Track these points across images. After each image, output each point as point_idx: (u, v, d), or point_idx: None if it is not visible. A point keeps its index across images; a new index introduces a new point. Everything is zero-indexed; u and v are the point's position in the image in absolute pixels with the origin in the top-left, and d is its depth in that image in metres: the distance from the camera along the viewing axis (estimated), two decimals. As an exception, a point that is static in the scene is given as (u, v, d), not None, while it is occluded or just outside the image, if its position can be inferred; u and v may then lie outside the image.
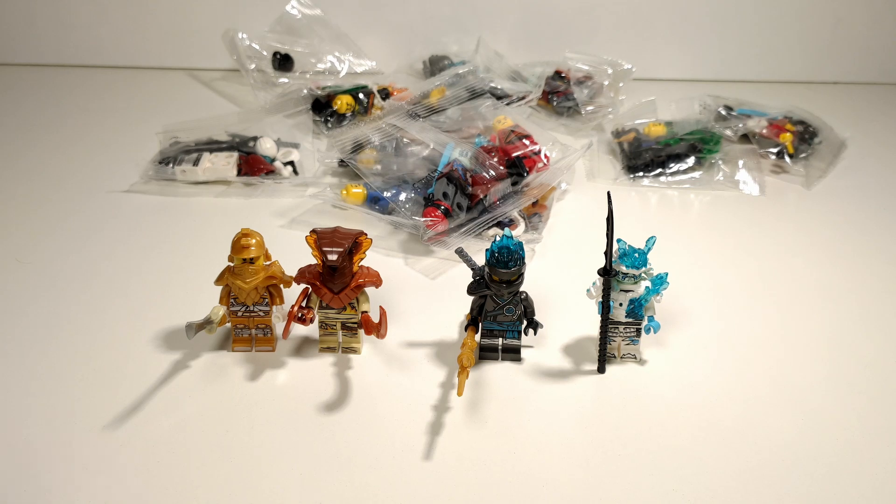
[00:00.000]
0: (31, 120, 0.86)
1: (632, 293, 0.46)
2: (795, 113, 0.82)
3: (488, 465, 0.40)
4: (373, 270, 0.47)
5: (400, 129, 0.71)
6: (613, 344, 0.48)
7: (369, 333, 0.45)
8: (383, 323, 0.45)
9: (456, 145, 0.67)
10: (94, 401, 0.44)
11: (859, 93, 1.01)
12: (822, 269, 0.60)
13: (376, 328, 0.44)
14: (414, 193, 0.64)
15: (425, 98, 0.80)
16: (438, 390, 0.45)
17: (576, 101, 0.85)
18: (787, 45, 1.02)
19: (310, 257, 0.46)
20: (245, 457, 0.41)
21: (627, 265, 0.45)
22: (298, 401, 0.45)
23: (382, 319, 0.45)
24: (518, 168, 0.65)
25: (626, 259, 0.45)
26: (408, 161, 0.67)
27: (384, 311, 0.45)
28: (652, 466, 0.40)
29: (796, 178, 0.75)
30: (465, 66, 0.86)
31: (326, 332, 0.48)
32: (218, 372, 0.47)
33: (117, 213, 0.66)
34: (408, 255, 0.60)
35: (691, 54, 1.03)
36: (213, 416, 0.43)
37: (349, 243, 0.45)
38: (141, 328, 0.51)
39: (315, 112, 0.82)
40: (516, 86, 0.84)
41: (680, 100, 0.86)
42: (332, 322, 0.48)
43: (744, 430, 0.43)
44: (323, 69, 0.95)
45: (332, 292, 0.46)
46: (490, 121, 0.73)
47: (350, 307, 0.47)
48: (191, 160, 0.71)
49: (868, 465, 0.41)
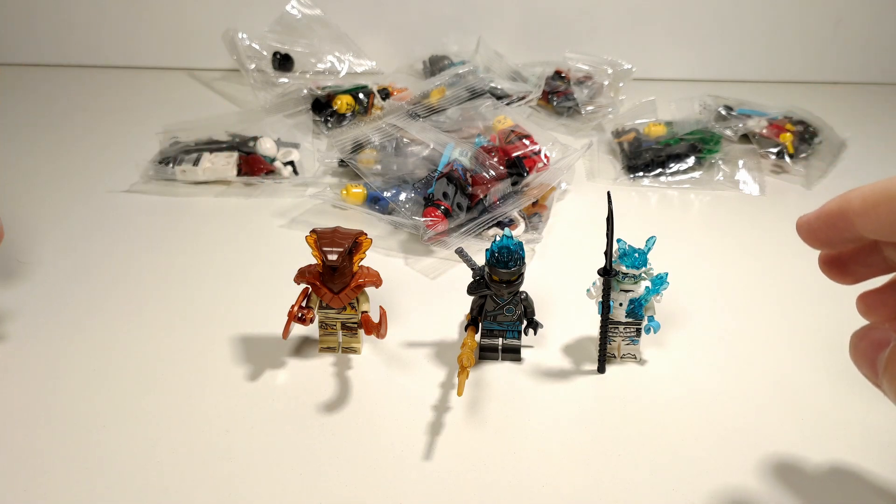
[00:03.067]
0: (31, 120, 0.86)
1: (632, 293, 0.46)
2: (795, 113, 0.82)
3: (488, 465, 0.40)
4: (373, 270, 0.47)
5: (400, 129, 0.71)
6: (613, 344, 0.48)
7: (369, 333, 0.45)
8: (383, 323, 0.44)
9: (456, 145, 0.67)
10: (94, 401, 0.44)
11: (859, 93, 1.01)
12: (822, 269, 0.60)
13: (376, 328, 0.44)
14: (414, 193, 0.64)
15: (425, 98, 0.80)
16: (438, 390, 0.45)
17: (576, 101, 0.85)
18: (787, 45, 1.02)
19: (310, 257, 0.45)
20: (245, 457, 0.41)
21: (627, 265, 0.45)
22: (298, 401, 0.44)
23: (382, 319, 0.45)
24: (518, 168, 0.65)
25: (626, 259, 0.45)
26: (408, 161, 0.67)
27: (384, 311, 0.45)
28: (652, 466, 0.40)
29: (796, 178, 0.75)
30: (465, 66, 0.86)
31: (326, 333, 0.48)
32: (217, 371, 0.47)
33: (117, 213, 0.66)
34: (408, 255, 0.60)
35: (691, 54, 1.03)
36: (213, 416, 0.43)
37: (349, 243, 0.45)
38: (140, 328, 0.51)
39: (315, 112, 0.82)
40: (516, 86, 0.84)
41: (680, 100, 0.86)
42: (332, 322, 0.48)
43: (744, 429, 0.43)
44: (323, 69, 0.95)
45: (333, 292, 0.46)
46: (490, 121, 0.73)
47: (350, 307, 0.47)
48: (191, 160, 0.71)
49: (870, 465, 0.41)
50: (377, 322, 0.45)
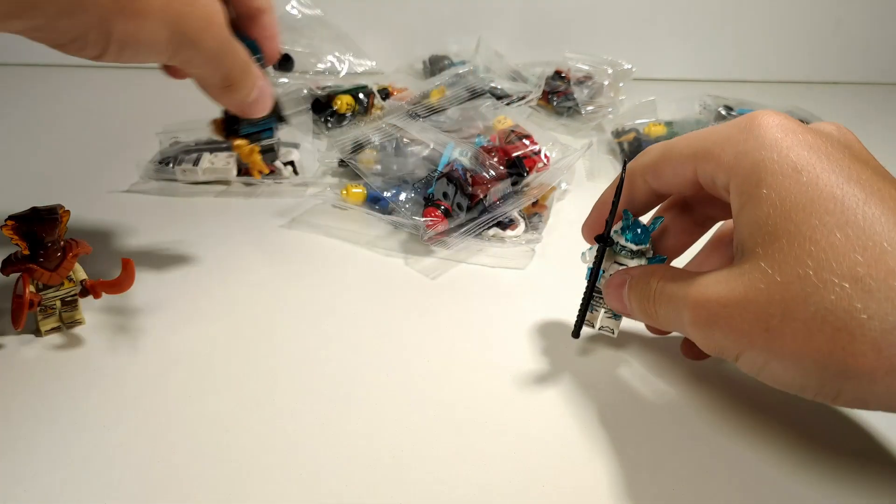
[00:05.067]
0: (32, 120, 0.86)
1: (625, 268, 0.45)
2: (795, 113, 0.83)
3: (488, 465, 0.40)
4: (79, 240, 0.48)
5: (400, 129, 0.71)
6: (595, 314, 0.48)
7: (98, 296, 0.47)
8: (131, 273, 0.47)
9: (456, 145, 0.67)
10: (93, 402, 0.44)
11: (859, 93, 1.01)
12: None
13: (116, 284, 0.47)
14: (414, 193, 0.64)
15: (425, 98, 0.80)
16: (438, 390, 0.46)
17: (576, 101, 0.85)
18: (787, 45, 1.02)
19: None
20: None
21: (628, 238, 0.44)
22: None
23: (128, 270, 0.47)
24: (518, 168, 0.65)
25: (629, 232, 0.44)
26: (408, 161, 0.67)
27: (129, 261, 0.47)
28: (653, 467, 0.40)
29: (796, 178, 0.75)
30: (465, 66, 0.86)
31: (46, 315, 0.48)
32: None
33: (117, 213, 0.66)
34: (408, 255, 0.60)
35: (691, 54, 1.03)
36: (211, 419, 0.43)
37: (54, 218, 0.46)
38: (138, 327, 0.51)
39: (315, 112, 0.82)
40: (516, 86, 0.84)
41: (680, 100, 0.86)
42: (51, 302, 0.48)
43: (745, 429, 0.43)
44: (323, 69, 0.95)
45: (50, 270, 0.46)
46: (490, 121, 0.73)
47: (68, 281, 0.48)
48: (191, 160, 0.71)
49: (872, 465, 0.41)
50: (114, 278, 0.47)
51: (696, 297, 0.37)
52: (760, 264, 0.34)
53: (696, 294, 0.37)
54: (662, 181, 0.42)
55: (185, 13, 0.35)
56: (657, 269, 0.41)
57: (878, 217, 0.32)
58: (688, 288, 0.38)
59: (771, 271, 0.33)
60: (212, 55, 0.39)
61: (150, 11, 0.33)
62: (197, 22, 0.36)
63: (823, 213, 0.32)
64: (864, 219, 0.32)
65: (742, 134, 0.37)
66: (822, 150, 0.35)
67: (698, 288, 0.37)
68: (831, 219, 0.32)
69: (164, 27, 0.35)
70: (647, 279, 0.41)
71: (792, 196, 0.33)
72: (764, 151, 0.35)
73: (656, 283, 0.40)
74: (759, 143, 0.36)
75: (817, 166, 0.34)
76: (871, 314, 0.31)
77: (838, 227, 0.32)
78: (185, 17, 0.35)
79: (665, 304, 0.39)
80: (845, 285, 0.31)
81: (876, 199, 0.32)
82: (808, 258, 0.32)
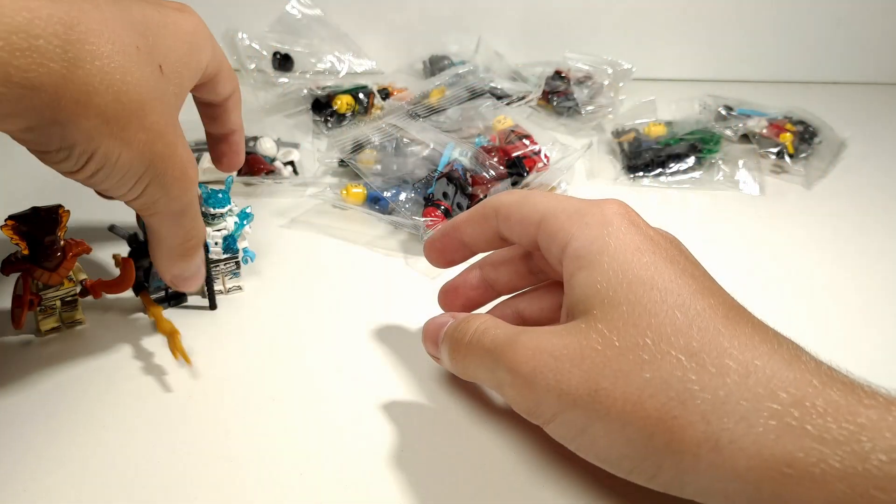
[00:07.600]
0: (31, 120, 0.86)
1: (224, 231, 0.50)
2: (795, 113, 0.83)
3: (492, 463, 0.40)
4: (78, 240, 0.48)
5: (400, 129, 0.71)
6: (220, 280, 0.52)
7: (98, 296, 0.47)
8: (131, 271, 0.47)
9: (456, 145, 0.67)
10: (92, 402, 0.44)
11: (859, 93, 1.01)
12: (822, 269, 0.60)
13: (116, 284, 0.47)
14: (414, 193, 0.64)
15: (425, 98, 0.80)
16: (436, 390, 0.46)
17: (576, 101, 0.85)
18: (787, 45, 1.02)
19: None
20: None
21: (212, 206, 0.49)
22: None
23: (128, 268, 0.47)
24: (518, 168, 0.65)
25: (210, 201, 0.49)
26: (408, 161, 0.67)
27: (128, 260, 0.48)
28: (652, 466, 0.40)
29: (796, 178, 0.75)
30: (465, 66, 0.86)
31: (46, 315, 0.48)
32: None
33: (117, 214, 0.66)
34: (408, 255, 0.60)
35: (691, 54, 1.03)
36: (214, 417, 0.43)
37: (54, 218, 0.46)
38: (138, 327, 0.51)
39: (315, 112, 0.82)
40: (516, 86, 0.84)
41: (680, 100, 0.86)
42: (51, 302, 0.48)
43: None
44: (323, 69, 0.95)
45: (50, 270, 0.46)
46: (490, 121, 0.73)
47: (68, 280, 0.48)
48: (191, 160, 0.71)
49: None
50: (114, 278, 0.47)
51: (524, 344, 0.36)
52: (598, 325, 0.34)
53: (525, 342, 0.36)
54: (511, 231, 0.42)
55: (165, 155, 0.36)
56: (481, 316, 0.40)
57: (708, 308, 0.33)
58: (515, 336, 0.37)
59: (609, 334, 0.34)
60: (178, 206, 0.39)
61: (134, 142, 0.34)
62: (173, 169, 0.37)
63: (664, 291, 0.34)
64: (697, 307, 0.33)
65: (591, 208, 0.39)
66: (660, 242, 0.37)
67: (528, 336, 0.36)
68: (671, 298, 0.34)
69: (142, 162, 0.35)
70: (468, 324, 0.40)
71: (633, 270, 0.35)
72: (610, 228, 0.37)
73: (475, 326, 0.39)
74: (605, 219, 0.38)
75: (657, 253, 0.36)
76: (703, 385, 0.31)
77: (677, 307, 0.33)
78: (165, 159, 0.36)
79: (478, 355, 0.38)
80: (682, 357, 0.32)
81: (706, 293, 0.34)
82: (649, 329, 0.33)
